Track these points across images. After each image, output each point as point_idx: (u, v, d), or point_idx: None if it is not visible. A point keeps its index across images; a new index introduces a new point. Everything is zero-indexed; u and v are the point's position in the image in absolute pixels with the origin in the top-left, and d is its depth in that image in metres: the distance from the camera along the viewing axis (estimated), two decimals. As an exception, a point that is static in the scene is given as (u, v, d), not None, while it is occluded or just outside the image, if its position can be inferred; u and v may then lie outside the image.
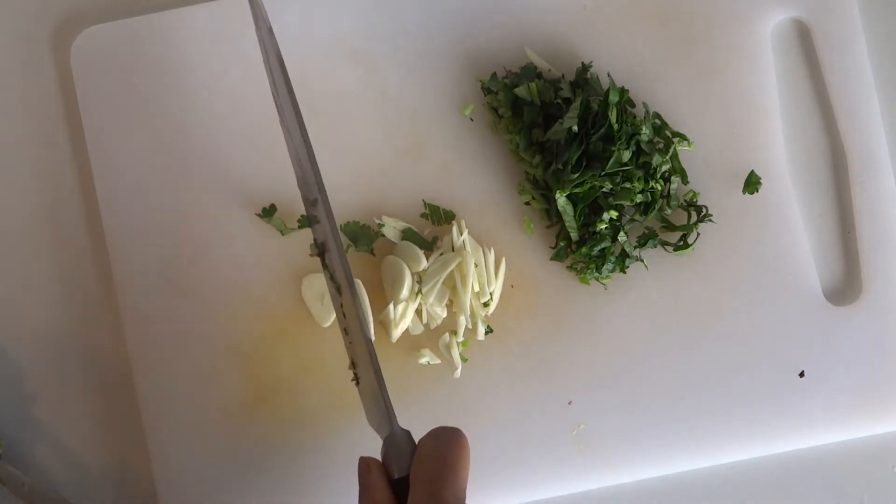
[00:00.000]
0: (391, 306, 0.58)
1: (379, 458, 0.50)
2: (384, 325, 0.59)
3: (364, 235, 0.60)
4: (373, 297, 0.59)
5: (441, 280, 0.58)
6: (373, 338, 0.54)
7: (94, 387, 0.62)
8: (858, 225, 0.61)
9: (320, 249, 0.55)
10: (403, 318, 0.58)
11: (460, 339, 0.59)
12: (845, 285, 0.61)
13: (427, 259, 0.59)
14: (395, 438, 0.50)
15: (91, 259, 0.62)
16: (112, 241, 0.61)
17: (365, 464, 0.49)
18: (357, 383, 0.54)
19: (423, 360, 0.59)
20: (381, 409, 0.51)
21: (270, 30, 0.56)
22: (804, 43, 0.63)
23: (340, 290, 0.53)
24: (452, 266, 0.58)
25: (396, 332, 0.58)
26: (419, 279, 0.59)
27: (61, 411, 0.62)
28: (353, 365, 0.54)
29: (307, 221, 0.58)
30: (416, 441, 0.50)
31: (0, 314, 0.62)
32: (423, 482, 0.47)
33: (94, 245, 0.62)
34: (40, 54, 0.64)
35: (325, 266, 0.55)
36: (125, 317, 0.61)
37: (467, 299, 0.58)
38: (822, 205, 0.62)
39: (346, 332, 0.54)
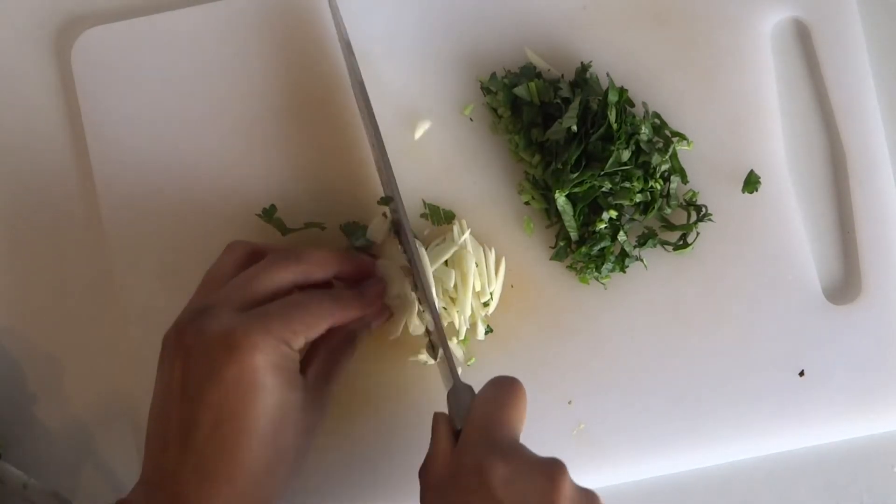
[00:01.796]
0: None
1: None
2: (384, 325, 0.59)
3: (362, 234, 0.60)
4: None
5: (438, 264, 0.58)
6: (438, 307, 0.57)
7: (94, 387, 0.62)
8: (858, 224, 0.61)
9: (396, 228, 0.58)
10: (408, 313, 0.58)
11: (461, 337, 0.59)
12: (845, 284, 0.61)
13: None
14: (456, 391, 0.52)
15: (92, 259, 0.63)
16: (113, 240, 0.61)
17: (436, 417, 0.51)
18: (433, 349, 0.58)
19: (423, 359, 0.59)
20: (444, 366, 0.54)
21: (349, 44, 0.59)
22: (803, 42, 0.63)
23: (411, 261, 0.56)
24: (448, 255, 0.58)
25: (397, 329, 0.58)
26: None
27: (61, 411, 0.62)
28: (427, 332, 0.57)
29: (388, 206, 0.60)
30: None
31: (0, 314, 0.63)
32: (476, 423, 0.49)
33: (95, 245, 0.62)
34: (42, 55, 0.64)
35: (400, 243, 0.58)
36: (127, 316, 0.61)
37: (468, 299, 0.58)
38: (821, 204, 0.62)
39: (419, 299, 0.57)
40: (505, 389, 0.50)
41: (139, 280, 0.61)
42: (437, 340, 0.55)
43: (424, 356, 0.59)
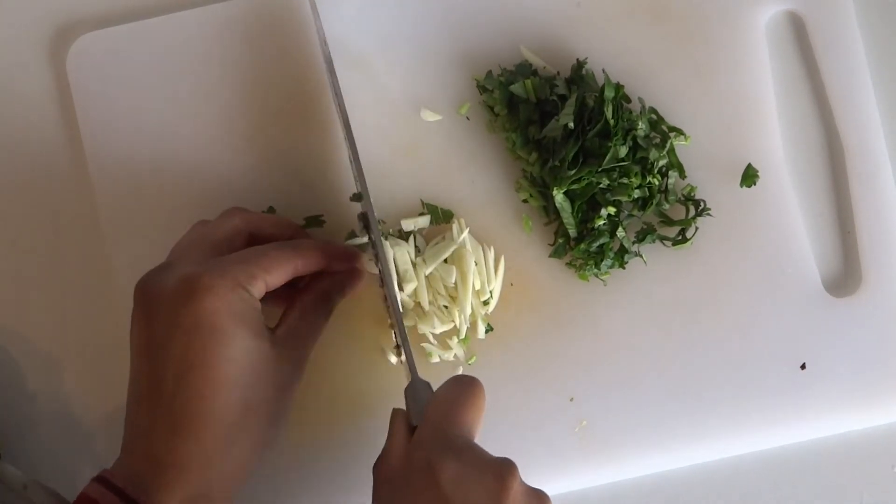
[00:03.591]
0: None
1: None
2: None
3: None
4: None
5: (437, 262, 0.58)
6: (399, 303, 0.56)
7: (94, 386, 0.62)
8: (857, 216, 0.61)
9: (363, 223, 0.58)
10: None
11: (462, 336, 0.59)
12: (845, 276, 0.61)
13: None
14: (414, 388, 0.51)
15: (90, 260, 0.63)
16: (111, 242, 0.61)
17: (394, 413, 0.51)
18: (398, 347, 0.57)
19: (391, 360, 0.60)
20: (407, 360, 0.53)
21: (324, 40, 0.59)
22: (799, 36, 0.63)
23: (378, 257, 0.56)
24: (447, 254, 0.58)
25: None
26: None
27: (61, 411, 0.62)
28: (393, 329, 0.57)
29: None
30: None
31: (0, 314, 0.63)
32: (430, 421, 0.48)
33: (94, 245, 0.62)
34: (38, 60, 0.64)
35: (369, 238, 0.57)
36: (126, 317, 0.60)
37: (468, 298, 0.58)
38: (820, 196, 0.62)
39: (385, 295, 0.56)
40: (463, 388, 0.49)
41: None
42: (398, 335, 0.55)
43: (392, 357, 0.59)
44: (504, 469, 0.46)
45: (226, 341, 0.48)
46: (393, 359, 0.60)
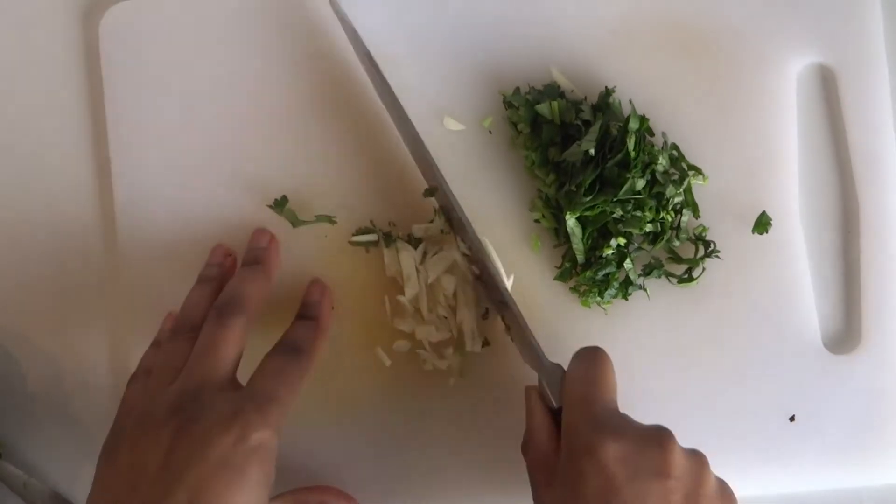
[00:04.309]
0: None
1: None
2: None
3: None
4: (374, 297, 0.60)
5: (438, 273, 0.59)
6: (509, 285, 0.59)
7: (95, 386, 0.62)
8: (864, 275, 0.61)
9: (447, 216, 0.60)
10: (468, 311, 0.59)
11: (469, 347, 0.60)
12: (845, 334, 0.61)
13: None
14: (546, 371, 0.54)
15: (92, 259, 0.63)
16: (122, 223, 0.61)
17: (527, 391, 0.54)
18: (509, 330, 0.59)
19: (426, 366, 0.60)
20: (531, 347, 0.56)
21: (368, 55, 0.60)
22: (829, 90, 0.63)
23: (474, 257, 0.58)
24: (447, 264, 0.58)
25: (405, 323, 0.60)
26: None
27: (61, 411, 0.62)
28: (503, 318, 0.58)
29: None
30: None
31: (0, 314, 0.63)
32: (575, 404, 0.51)
33: (98, 244, 0.63)
34: (68, 30, 0.64)
35: (457, 237, 0.59)
36: (127, 314, 0.61)
37: (468, 309, 0.58)
38: (829, 252, 0.62)
39: (489, 290, 0.58)
40: (592, 363, 0.52)
41: (147, 266, 0.61)
42: (511, 322, 0.57)
43: (386, 359, 0.60)
44: (663, 436, 0.48)
45: (248, 488, 0.46)
46: (387, 360, 0.60)
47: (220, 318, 0.52)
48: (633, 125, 0.58)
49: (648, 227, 0.58)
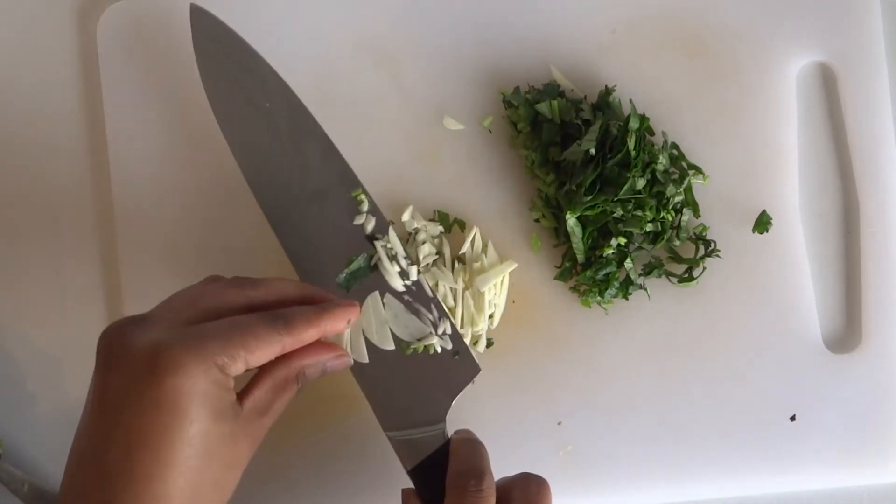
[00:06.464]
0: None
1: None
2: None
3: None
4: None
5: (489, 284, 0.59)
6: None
7: None
8: (864, 274, 0.61)
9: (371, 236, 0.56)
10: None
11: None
12: (845, 334, 0.61)
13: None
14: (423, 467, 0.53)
15: (92, 259, 0.62)
16: (120, 222, 0.61)
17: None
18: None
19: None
20: (402, 446, 0.54)
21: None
22: (829, 89, 0.63)
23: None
24: (498, 278, 0.59)
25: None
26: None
27: (61, 411, 0.62)
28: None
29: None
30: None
31: (0, 314, 0.62)
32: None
33: (97, 244, 0.63)
34: (65, 30, 0.64)
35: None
36: (128, 312, 0.61)
37: (482, 313, 0.58)
38: (830, 251, 0.62)
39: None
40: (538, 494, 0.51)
41: (144, 262, 0.61)
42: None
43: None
44: None
45: (185, 424, 0.44)
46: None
47: (274, 322, 0.48)
48: (634, 125, 0.58)
49: (649, 227, 0.58)
